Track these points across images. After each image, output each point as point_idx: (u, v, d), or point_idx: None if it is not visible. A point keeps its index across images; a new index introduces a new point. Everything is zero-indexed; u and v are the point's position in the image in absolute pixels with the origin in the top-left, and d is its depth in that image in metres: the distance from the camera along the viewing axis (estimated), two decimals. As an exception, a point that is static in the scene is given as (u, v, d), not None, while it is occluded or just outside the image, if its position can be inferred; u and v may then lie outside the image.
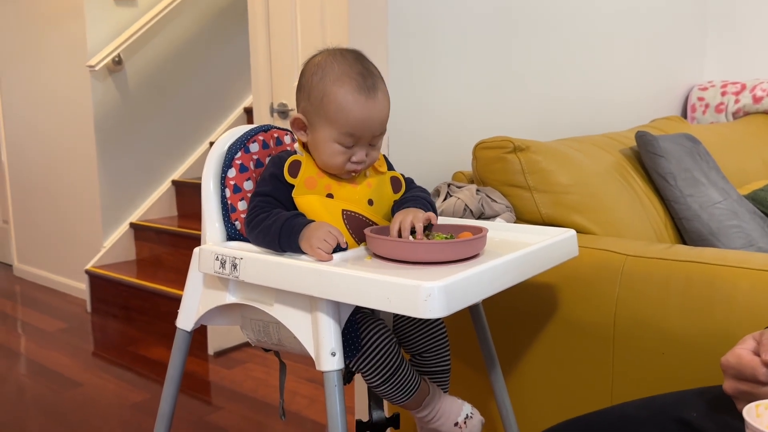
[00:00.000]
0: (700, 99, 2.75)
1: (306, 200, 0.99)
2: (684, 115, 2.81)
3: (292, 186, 0.99)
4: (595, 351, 1.19)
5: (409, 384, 1.02)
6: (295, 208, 0.99)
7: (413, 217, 0.95)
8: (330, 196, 1.00)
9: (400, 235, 0.94)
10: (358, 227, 1.00)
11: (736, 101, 2.66)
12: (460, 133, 1.66)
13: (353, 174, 1.02)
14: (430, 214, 0.97)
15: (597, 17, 2.15)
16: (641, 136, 1.70)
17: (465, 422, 1.06)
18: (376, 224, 1.02)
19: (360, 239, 1.00)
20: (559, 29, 1.98)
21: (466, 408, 1.08)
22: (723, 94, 2.70)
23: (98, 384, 2.29)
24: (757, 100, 2.60)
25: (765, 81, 2.63)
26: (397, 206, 1.04)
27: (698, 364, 1.06)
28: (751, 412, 0.60)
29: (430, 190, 1.47)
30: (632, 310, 1.14)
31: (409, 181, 1.10)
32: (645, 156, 1.69)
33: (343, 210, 1.00)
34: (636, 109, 2.44)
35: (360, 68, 0.98)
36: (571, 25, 2.03)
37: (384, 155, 1.10)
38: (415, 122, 1.55)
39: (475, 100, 1.71)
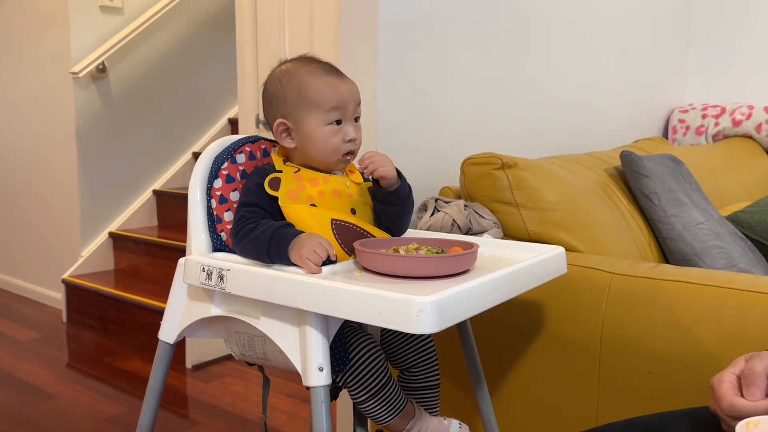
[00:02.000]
0: (681, 121, 2.79)
1: (294, 210, 0.98)
2: (665, 136, 2.85)
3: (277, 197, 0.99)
4: (581, 369, 1.19)
5: (396, 402, 1.01)
6: (281, 217, 0.98)
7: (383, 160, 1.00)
8: (313, 206, 1.00)
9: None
10: (347, 237, 0.99)
11: (716, 124, 2.70)
12: (448, 149, 1.67)
13: (349, 158, 1.04)
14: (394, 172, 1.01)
15: (582, 39, 2.17)
16: (626, 156, 1.71)
17: (452, 442, 1.05)
18: (366, 232, 1.02)
19: (349, 249, 0.99)
20: (546, 50, 2.00)
21: (453, 427, 1.06)
22: (703, 116, 2.75)
23: (72, 396, 2.24)
24: (736, 123, 2.65)
25: (744, 105, 2.67)
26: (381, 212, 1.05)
27: (684, 384, 1.06)
28: (742, 430, 0.61)
29: (417, 204, 1.47)
30: (619, 329, 1.14)
31: None
32: (629, 175, 1.70)
33: (332, 219, 0.99)
34: (619, 129, 2.47)
35: (324, 64, 1.05)
36: (558, 47, 2.05)
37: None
38: (403, 136, 1.55)
39: (462, 116, 1.72)
